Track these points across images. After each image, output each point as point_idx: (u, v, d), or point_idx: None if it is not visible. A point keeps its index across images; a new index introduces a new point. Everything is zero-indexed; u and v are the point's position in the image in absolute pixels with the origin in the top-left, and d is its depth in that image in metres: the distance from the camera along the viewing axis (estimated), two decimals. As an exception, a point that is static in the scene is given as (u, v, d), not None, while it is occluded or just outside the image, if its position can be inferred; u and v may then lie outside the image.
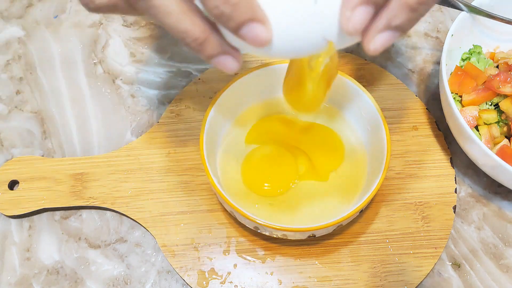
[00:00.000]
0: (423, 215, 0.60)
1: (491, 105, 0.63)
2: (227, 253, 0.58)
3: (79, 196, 0.61)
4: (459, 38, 0.65)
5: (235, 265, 0.58)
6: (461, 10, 0.64)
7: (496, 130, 0.60)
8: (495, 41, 0.69)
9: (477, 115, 0.61)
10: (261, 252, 0.58)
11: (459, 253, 0.60)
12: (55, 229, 0.61)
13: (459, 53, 0.67)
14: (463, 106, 0.63)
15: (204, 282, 0.57)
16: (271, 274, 0.57)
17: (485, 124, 0.61)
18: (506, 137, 0.60)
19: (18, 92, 0.71)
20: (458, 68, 0.64)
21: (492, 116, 0.61)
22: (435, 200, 0.61)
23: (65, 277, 0.59)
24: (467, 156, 0.61)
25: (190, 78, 0.72)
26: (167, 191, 0.62)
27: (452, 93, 0.62)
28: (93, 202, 0.61)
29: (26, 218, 0.62)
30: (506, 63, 0.63)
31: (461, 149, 0.63)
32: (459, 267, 0.59)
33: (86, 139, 0.67)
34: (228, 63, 0.38)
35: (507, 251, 0.60)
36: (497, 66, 0.65)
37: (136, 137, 0.67)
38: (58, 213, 0.62)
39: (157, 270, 0.59)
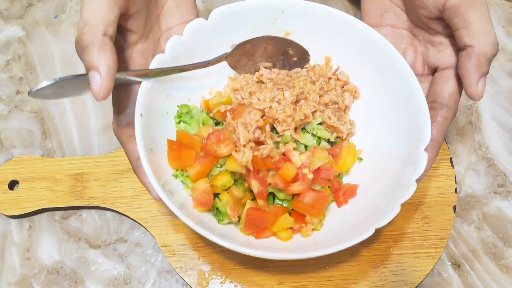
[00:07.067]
0: (423, 215, 0.60)
1: (222, 165, 0.52)
2: (227, 253, 0.58)
3: (79, 196, 0.61)
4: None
5: (235, 265, 0.58)
6: (140, 81, 0.50)
7: (237, 191, 0.51)
8: (199, 90, 0.58)
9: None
10: (261, 252, 0.58)
11: (459, 253, 0.60)
12: (55, 229, 0.61)
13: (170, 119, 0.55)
14: (194, 182, 0.52)
15: (204, 282, 0.57)
16: (272, 274, 0.57)
17: (224, 190, 0.52)
18: (250, 191, 0.52)
19: (18, 92, 0.71)
20: (171, 142, 0.52)
21: (227, 179, 0.51)
22: (435, 200, 0.61)
23: (65, 277, 0.59)
24: (467, 156, 0.61)
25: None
26: (167, 191, 0.62)
27: (176, 170, 0.52)
28: (93, 202, 0.61)
29: (26, 218, 0.62)
30: (219, 112, 0.54)
31: (461, 149, 0.63)
32: (459, 267, 0.59)
33: (86, 139, 0.67)
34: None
35: (507, 251, 0.60)
36: (214, 119, 0.56)
37: (136, 137, 0.67)
38: (58, 213, 0.62)
39: (157, 270, 0.59)
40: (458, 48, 0.50)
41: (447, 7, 0.48)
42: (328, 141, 0.57)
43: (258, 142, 0.51)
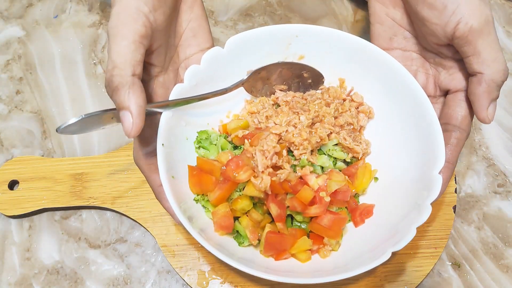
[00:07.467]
0: (423, 215, 0.60)
1: (241, 190, 0.53)
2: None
3: (79, 196, 0.61)
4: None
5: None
6: (161, 112, 0.51)
7: (257, 215, 0.52)
8: (217, 114, 0.59)
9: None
10: (261, 252, 0.58)
11: (459, 253, 0.60)
12: (55, 229, 0.61)
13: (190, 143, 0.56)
14: (214, 206, 0.53)
15: (204, 282, 0.57)
16: (271, 274, 0.57)
17: (244, 214, 0.53)
18: (268, 213, 0.53)
19: (18, 92, 0.71)
20: (192, 168, 0.53)
21: (246, 203, 0.52)
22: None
23: (65, 277, 0.59)
24: (467, 156, 0.61)
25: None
26: (167, 191, 0.62)
27: (197, 195, 0.53)
28: (93, 202, 0.61)
29: (26, 218, 0.62)
30: (237, 137, 0.56)
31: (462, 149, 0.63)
32: (459, 267, 0.59)
33: (86, 139, 0.67)
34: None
35: (507, 251, 0.60)
36: (232, 143, 0.57)
37: (136, 137, 0.67)
38: (58, 213, 0.62)
39: (157, 270, 0.59)
40: (468, 73, 0.50)
41: (456, 36, 0.48)
42: (344, 161, 0.57)
43: (276, 167, 0.51)
